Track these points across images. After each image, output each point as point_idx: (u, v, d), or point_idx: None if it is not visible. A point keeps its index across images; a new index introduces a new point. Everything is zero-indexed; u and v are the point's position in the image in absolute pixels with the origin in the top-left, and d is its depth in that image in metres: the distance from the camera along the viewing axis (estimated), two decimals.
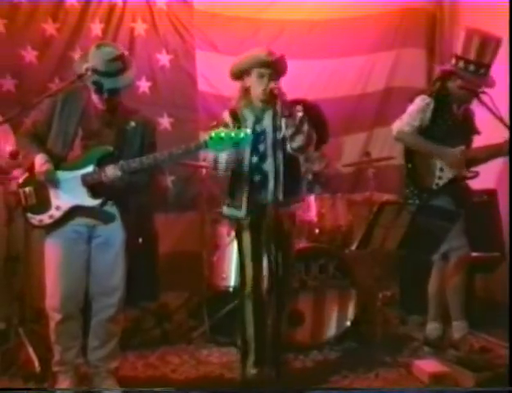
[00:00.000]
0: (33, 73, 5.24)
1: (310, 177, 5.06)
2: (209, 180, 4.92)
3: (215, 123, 3.65)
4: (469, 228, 4.41)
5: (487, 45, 4.18)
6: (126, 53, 3.58)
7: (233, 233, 4.49)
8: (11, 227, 4.32)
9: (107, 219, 3.56)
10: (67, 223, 3.53)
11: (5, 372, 3.96)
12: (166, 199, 5.50)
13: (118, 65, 3.45)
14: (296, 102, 3.95)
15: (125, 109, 3.67)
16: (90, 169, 3.47)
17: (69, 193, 3.49)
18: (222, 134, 3.31)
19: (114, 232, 3.61)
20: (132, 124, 3.60)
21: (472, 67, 4.22)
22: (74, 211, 3.51)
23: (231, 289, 4.71)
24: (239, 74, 3.82)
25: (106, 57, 3.43)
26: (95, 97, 3.53)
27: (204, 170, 4.84)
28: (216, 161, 3.62)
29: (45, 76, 5.21)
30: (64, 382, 3.64)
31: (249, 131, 3.41)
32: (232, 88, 3.89)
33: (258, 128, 3.73)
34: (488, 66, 4.21)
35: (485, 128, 4.41)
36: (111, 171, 3.40)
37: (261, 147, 3.74)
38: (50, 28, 5.25)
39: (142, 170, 3.49)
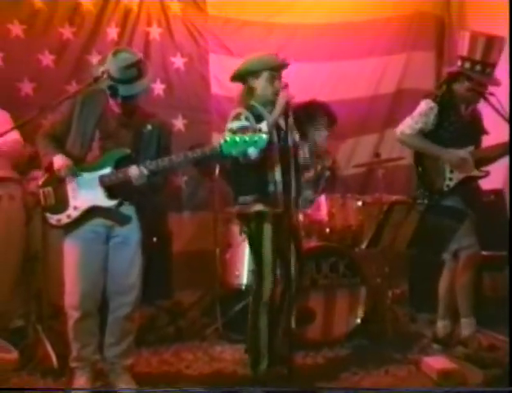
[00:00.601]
0: (50, 76, 5.26)
1: (327, 173, 5.06)
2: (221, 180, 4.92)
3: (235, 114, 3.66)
4: (478, 227, 4.41)
5: (491, 45, 4.17)
6: (142, 59, 3.58)
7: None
8: (29, 227, 4.36)
9: (123, 220, 3.58)
10: (85, 223, 3.55)
11: (24, 367, 3.98)
12: (179, 199, 5.52)
13: (133, 73, 3.45)
14: None
15: (143, 112, 3.69)
16: (108, 170, 3.50)
17: (86, 194, 3.52)
18: (237, 138, 3.30)
19: (131, 233, 3.63)
20: (149, 127, 3.63)
21: (478, 67, 4.21)
22: (92, 211, 3.53)
23: (243, 287, 4.73)
24: (244, 76, 3.82)
25: (122, 64, 3.43)
26: (111, 102, 3.57)
27: (217, 170, 4.86)
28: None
29: (62, 79, 5.23)
30: (81, 378, 3.66)
31: (263, 135, 3.40)
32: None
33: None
34: (494, 66, 4.19)
35: (493, 127, 4.40)
36: (135, 171, 3.40)
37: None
38: (67, 32, 5.27)
39: (160, 172, 3.51)
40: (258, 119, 3.59)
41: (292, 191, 3.65)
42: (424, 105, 4.35)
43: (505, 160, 4.42)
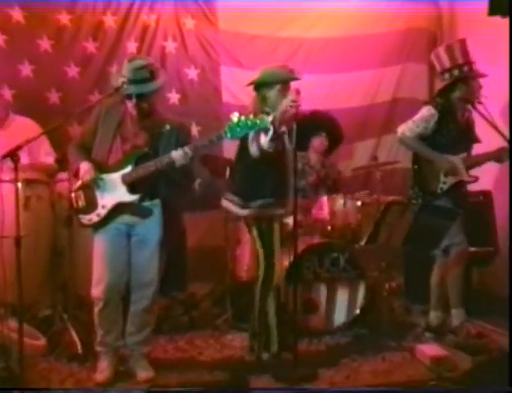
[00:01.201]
0: (75, 87, 5.29)
1: (330, 182, 5.10)
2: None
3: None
4: (467, 226, 4.42)
5: (464, 46, 4.25)
6: (154, 63, 3.66)
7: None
8: (57, 226, 4.38)
9: (145, 213, 3.62)
10: (112, 219, 3.60)
11: (51, 353, 4.00)
12: (193, 199, 5.52)
13: (144, 74, 3.52)
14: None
15: (160, 115, 3.73)
16: (128, 169, 3.54)
17: (111, 192, 3.57)
18: (240, 122, 3.35)
19: (151, 232, 3.67)
20: (168, 127, 3.65)
21: (466, 68, 4.25)
22: (117, 208, 3.57)
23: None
24: (259, 86, 3.86)
25: (135, 67, 3.52)
26: (129, 105, 3.60)
27: (227, 173, 4.87)
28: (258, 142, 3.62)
29: (86, 89, 5.26)
30: (103, 362, 3.71)
31: (266, 117, 3.45)
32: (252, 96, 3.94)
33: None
34: (473, 62, 4.25)
35: (483, 135, 4.43)
36: (178, 153, 3.42)
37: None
38: (90, 46, 5.31)
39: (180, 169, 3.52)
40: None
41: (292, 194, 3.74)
42: (426, 111, 4.36)
43: (494, 164, 4.44)
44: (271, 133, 3.53)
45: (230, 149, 4.67)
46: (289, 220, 3.97)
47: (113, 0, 5.34)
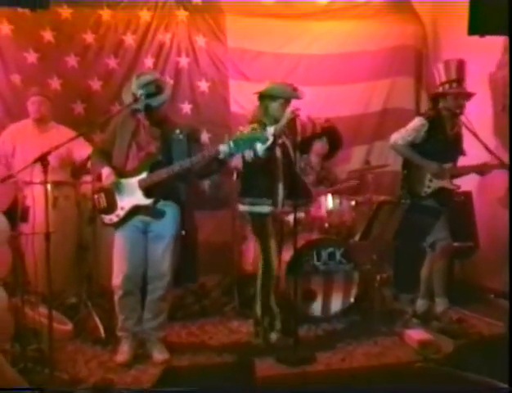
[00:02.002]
0: (98, 99, 5.30)
1: (327, 183, 5.10)
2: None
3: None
4: (451, 223, 4.43)
5: (461, 65, 4.26)
6: (160, 78, 3.71)
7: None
8: (81, 223, 4.40)
9: (158, 215, 3.64)
10: (130, 219, 3.63)
11: (77, 337, 4.04)
12: (203, 199, 5.53)
13: (152, 88, 3.54)
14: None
15: (171, 122, 3.74)
16: (144, 175, 3.56)
17: (129, 196, 3.59)
18: (242, 137, 3.39)
19: (165, 229, 3.68)
20: (178, 133, 3.65)
21: (455, 84, 4.25)
22: (134, 210, 3.60)
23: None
24: (264, 97, 3.89)
25: (143, 82, 3.54)
26: (140, 117, 3.62)
27: (234, 175, 4.89)
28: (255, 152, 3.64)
29: (107, 101, 5.26)
30: (124, 345, 3.74)
31: (265, 132, 3.49)
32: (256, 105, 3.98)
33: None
34: (464, 80, 4.27)
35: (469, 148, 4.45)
36: (224, 147, 3.41)
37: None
38: (112, 62, 5.31)
39: (183, 173, 3.53)
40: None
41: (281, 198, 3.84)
42: (418, 121, 4.38)
43: None
44: (269, 143, 3.57)
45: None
46: (290, 218, 3.99)
47: (132, 21, 5.34)
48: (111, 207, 3.65)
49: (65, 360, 3.66)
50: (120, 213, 3.62)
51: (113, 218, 3.65)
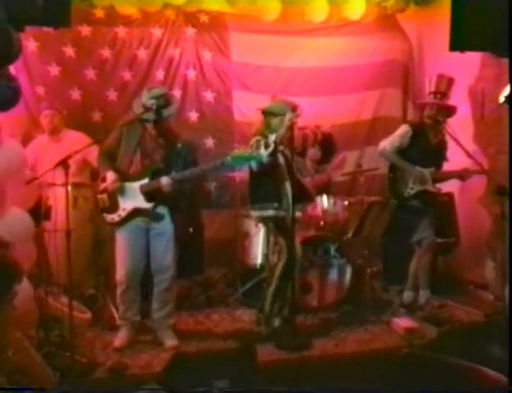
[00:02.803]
0: (114, 108, 5.30)
1: (321, 184, 5.10)
2: (242, 185, 4.96)
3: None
4: (435, 221, 4.45)
5: (451, 82, 4.29)
6: (168, 92, 3.70)
7: (260, 226, 4.58)
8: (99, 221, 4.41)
9: (157, 218, 3.64)
10: (131, 220, 3.62)
11: (95, 324, 4.07)
12: (210, 199, 5.54)
13: (161, 102, 3.54)
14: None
15: (174, 134, 3.73)
16: (146, 180, 3.57)
17: (131, 198, 3.60)
18: (240, 154, 3.40)
19: (165, 227, 3.68)
20: (179, 145, 3.66)
21: (439, 96, 4.27)
22: (134, 212, 3.61)
23: (258, 266, 4.76)
24: (267, 113, 3.91)
25: (153, 96, 3.54)
26: (148, 127, 3.62)
27: (237, 178, 4.91)
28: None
29: (123, 110, 5.21)
30: (122, 332, 3.76)
31: (260, 152, 3.52)
32: (259, 118, 4.00)
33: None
34: (449, 96, 4.29)
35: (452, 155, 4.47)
36: (165, 180, 3.48)
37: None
38: (127, 75, 5.32)
39: (186, 180, 3.57)
40: (266, 145, 3.67)
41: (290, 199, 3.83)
42: (403, 128, 4.41)
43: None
44: (270, 149, 3.60)
45: None
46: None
47: (145, 37, 5.36)
48: (113, 207, 3.65)
49: (84, 345, 3.68)
50: (122, 213, 3.63)
51: (114, 217, 3.65)
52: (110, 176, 3.59)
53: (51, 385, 2.66)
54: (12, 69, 3.38)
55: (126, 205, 3.62)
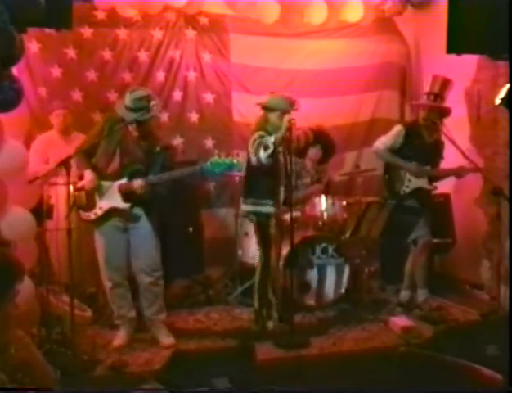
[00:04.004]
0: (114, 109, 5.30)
1: (322, 185, 5.10)
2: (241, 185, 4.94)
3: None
4: (431, 221, 4.46)
5: (447, 83, 4.28)
6: (151, 94, 3.64)
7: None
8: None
9: (134, 218, 3.63)
10: (108, 219, 3.60)
11: (95, 322, 4.07)
12: (209, 199, 5.53)
13: (143, 103, 3.51)
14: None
15: (155, 136, 3.71)
16: (124, 180, 3.56)
17: (108, 198, 3.58)
18: (219, 161, 3.42)
19: (143, 226, 3.65)
20: (158, 148, 3.65)
21: (432, 97, 4.28)
22: (111, 211, 3.58)
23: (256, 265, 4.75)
24: (266, 109, 3.92)
25: (135, 97, 3.52)
26: (130, 128, 3.59)
27: (237, 178, 4.90)
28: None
29: None
30: (121, 332, 3.75)
31: (239, 161, 3.61)
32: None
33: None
34: (445, 98, 4.28)
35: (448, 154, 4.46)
36: (138, 183, 3.48)
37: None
38: (127, 76, 5.29)
39: (163, 184, 3.56)
40: (265, 147, 3.70)
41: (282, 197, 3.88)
42: (396, 128, 4.44)
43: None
44: (270, 151, 3.61)
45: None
46: (287, 217, 4.00)
47: (145, 39, 5.35)
48: (90, 205, 3.62)
49: (85, 343, 3.68)
50: (98, 212, 3.60)
51: (90, 215, 3.63)
52: (88, 174, 3.57)
53: (52, 383, 2.65)
54: (14, 70, 3.38)
55: (103, 204, 3.60)
